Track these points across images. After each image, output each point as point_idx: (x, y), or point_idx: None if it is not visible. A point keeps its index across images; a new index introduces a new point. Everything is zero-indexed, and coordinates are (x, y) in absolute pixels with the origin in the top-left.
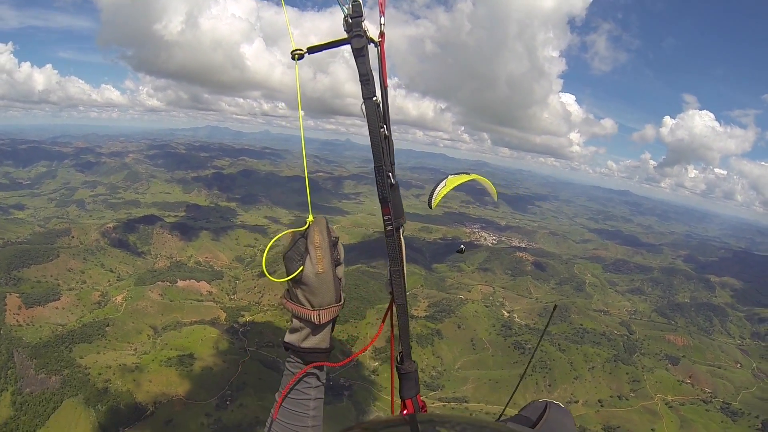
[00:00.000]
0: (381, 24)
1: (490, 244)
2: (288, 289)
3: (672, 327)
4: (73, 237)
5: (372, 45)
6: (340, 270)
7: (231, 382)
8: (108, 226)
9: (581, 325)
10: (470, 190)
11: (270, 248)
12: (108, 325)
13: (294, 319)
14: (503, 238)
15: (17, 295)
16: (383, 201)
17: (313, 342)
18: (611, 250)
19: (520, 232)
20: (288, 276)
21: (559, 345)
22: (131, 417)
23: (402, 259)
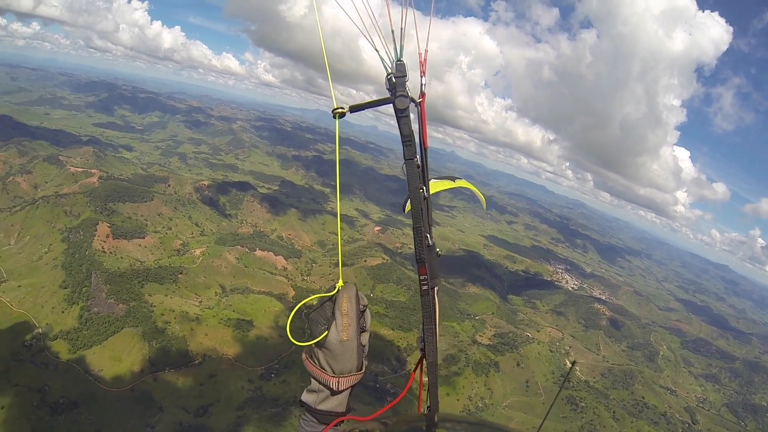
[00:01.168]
0: (422, 84)
1: (570, 288)
2: (311, 350)
3: (740, 429)
4: (169, 185)
5: (413, 104)
6: (365, 337)
7: (281, 358)
8: (203, 183)
9: (643, 398)
10: (562, 228)
11: (297, 312)
12: (181, 273)
13: (313, 381)
14: (585, 286)
15: (108, 224)
16: (420, 261)
17: (329, 405)
18: (695, 326)
19: (603, 283)
20: (312, 339)
21: (614, 413)
22: (179, 361)
23: (436, 319)
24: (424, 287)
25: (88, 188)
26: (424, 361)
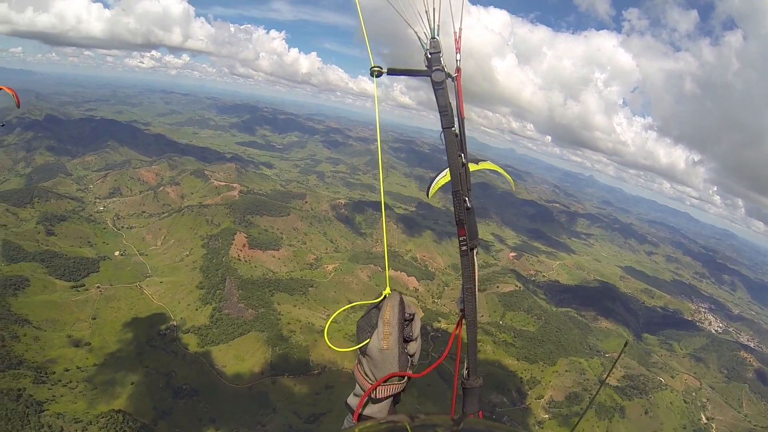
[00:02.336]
0: (457, 60)
1: (713, 331)
2: (359, 356)
3: None
4: (306, 202)
5: (449, 80)
6: (413, 346)
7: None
8: (340, 201)
9: None
10: (708, 261)
11: (336, 317)
12: (312, 286)
13: (357, 385)
14: (730, 329)
15: (245, 235)
16: (459, 223)
17: (370, 411)
18: None
19: (752, 327)
20: (354, 345)
21: None
22: (298, 369)
23: (475, 279)
24: (464, 248)
25: (229, 201)
26: (464, 322)
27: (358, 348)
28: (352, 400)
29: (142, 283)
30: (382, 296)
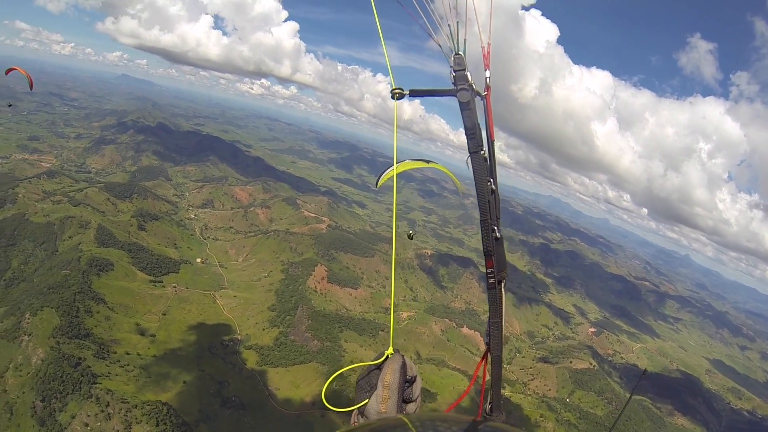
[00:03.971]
0: (486, 78)
1: None
2: (358, 414)
3: None
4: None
5: (479, 99)
6: (411, 407)
7: None
8: (426, 251)
9: None
10: None
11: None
12: (383, 330)
13: None
14: None
15: (326, 268)
16: (487, 254)
17: None
18: None
19: None
20: (352, 406)
21: None
22: (350, 408)
23: (502, 312)
24: (491, 280)
25: (316, 233)
26: (489, 356)
27: (356, 408)
28: None
29: (216, 293)
30: (384, 356)
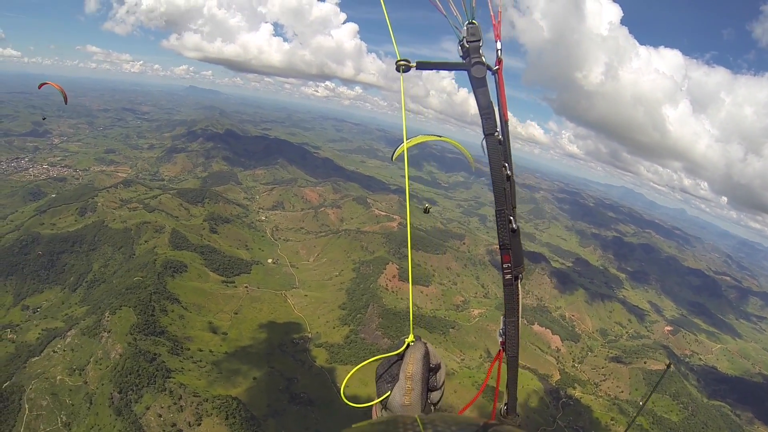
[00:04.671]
0: (498, 50)
1: None
2: (381, 406)
3: None
4: (464, 243)
5: (490, 73)
6: (436, 395)
7: None
8: (497, 247)
9: None
10: None
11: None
12: (453, 328)
13: None
14: None
15: (397, 266)
16: (503, 248)
17: None
18: None
19: None
20: (374, 400)
21: None
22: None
23: (519, 310)
24: (507, 276)
25: (387, 231)
26: (504, 355)
27: (378, 402)
28: None
29: (287, 293)
30: (405, 345)
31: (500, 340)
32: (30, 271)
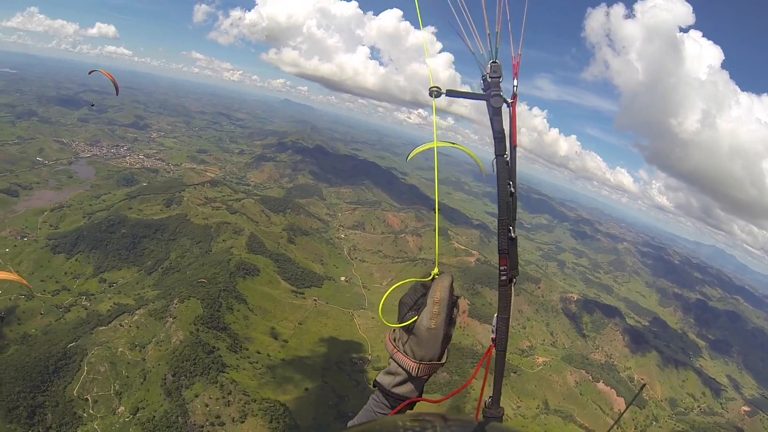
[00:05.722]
0: (514, 87)
1: None
2: (395, 333)
3: None
4: (539, 287)
5: (504, 105)
6: (452, 329)
7: None
8: (572, 295)
9: None
10: None
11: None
12: (515, 373)
13: (392, 363)
14: None
15: (468, 302)
16: (502, 252)
17: (403, 390)
18: None
19: None
20: (401, 323)
21: None
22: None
23: (510, 309)
24: (503, 278)
25: (464, 265)
26: (493, 351)
27: (407, 325)
28: (384, 378)
29: (355, 312)
30: (431, 276)
31: (492, 336)
32: (113, 249)
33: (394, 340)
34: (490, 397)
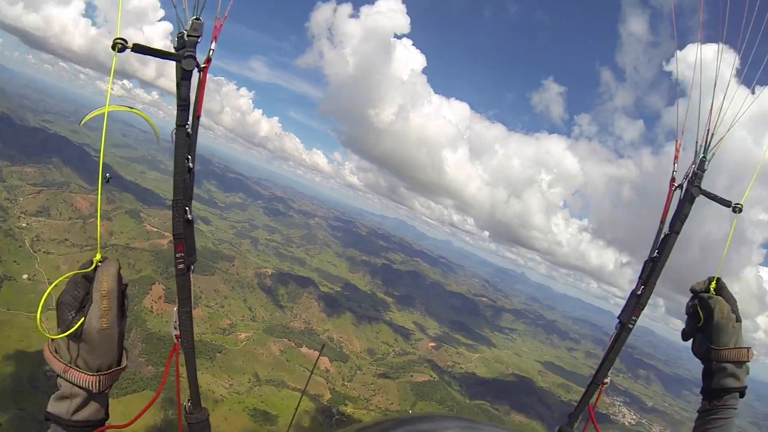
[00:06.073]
0: (211, 50)
1: (626, 423)
2: (56, 344)
3: None
4: (233, 265)
5: (196, 70)
6: (125, 323)
7: None
8: (266, 270)
9: None
10: (626, 357)
11: (51, 291)
12: (220, 352)
13: (63, 384)
14: (644, 421)
15: (164, 287)
16: (177, 237)
17: (87, 413)
18: None
19: (665, 418)
20: (66, 330)
21: None
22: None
23: (191, 300)
24: (181, 266)
25: (157, 249)
26: (180, 348)
27: (73, 331)
28: (58, 406)
29: (45, 315)
30: (93, 265)
31: (175, 333)
32: None
33: (57, 352)
34: (188, 400)
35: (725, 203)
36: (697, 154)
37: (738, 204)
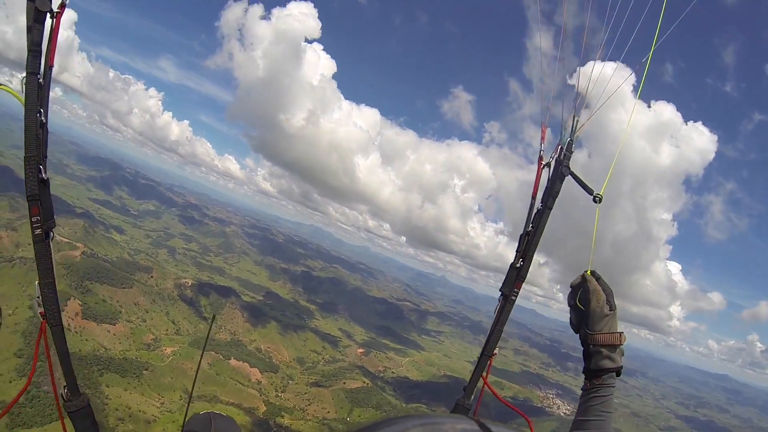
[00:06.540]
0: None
1: (561, 414)
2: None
3: None
4: (152, 276)
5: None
6: None
7: None
8: (186, 280)
9: None
10: (553, 351)
11: None
12: (147, 369)
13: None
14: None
15: (80, 303)
16: (32, 198)
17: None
18: None
19: None
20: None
21: None
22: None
23: (53, 270)
24: (38, 231)
25: (69, 261)
26: (48, 329)
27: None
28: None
29: None
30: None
31: (39, 310)
32: None
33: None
34: (65, 387)
35: (588, 190)
36: (564, 138)
37: (598, 195)
